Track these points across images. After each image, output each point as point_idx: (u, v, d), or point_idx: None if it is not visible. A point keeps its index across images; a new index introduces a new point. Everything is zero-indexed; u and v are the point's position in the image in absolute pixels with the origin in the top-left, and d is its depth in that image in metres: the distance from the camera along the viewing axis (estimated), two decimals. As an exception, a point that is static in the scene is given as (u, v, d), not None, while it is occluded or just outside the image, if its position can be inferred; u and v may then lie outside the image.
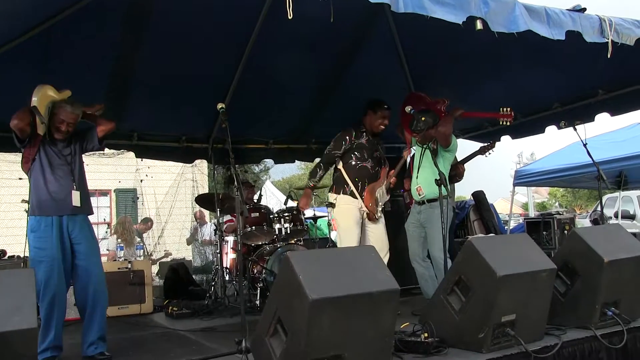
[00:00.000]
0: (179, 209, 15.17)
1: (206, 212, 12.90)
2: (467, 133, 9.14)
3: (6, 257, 7.86)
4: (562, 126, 7.02)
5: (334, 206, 6.48)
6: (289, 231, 7.89)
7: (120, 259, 8.11)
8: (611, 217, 14.75)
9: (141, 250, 8.88)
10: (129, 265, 7.56)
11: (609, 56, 4.54)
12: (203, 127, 8.63)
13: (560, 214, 10.13)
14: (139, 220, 13.99)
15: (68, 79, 5.80)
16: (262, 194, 10.42)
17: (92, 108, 5.21)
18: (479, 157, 7.25)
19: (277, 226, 7.93)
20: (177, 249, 14.10)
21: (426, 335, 4.12)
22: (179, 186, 15.01)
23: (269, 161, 11.01)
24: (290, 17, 3.44)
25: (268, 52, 7.27)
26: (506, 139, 8.75)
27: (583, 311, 4.52)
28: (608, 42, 4.57)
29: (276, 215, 8.02)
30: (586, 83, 7.12)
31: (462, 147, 6.65)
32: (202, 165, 14.59)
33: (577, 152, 9.74)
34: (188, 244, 13.27)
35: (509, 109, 6.40)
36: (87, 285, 4.98)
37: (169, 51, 6.72)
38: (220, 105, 4.93)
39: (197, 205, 10.29)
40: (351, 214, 6.32)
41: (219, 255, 7.83)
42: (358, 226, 6.32)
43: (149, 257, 10.49)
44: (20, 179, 5.09)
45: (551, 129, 7.94)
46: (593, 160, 6.59)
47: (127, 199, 16.90)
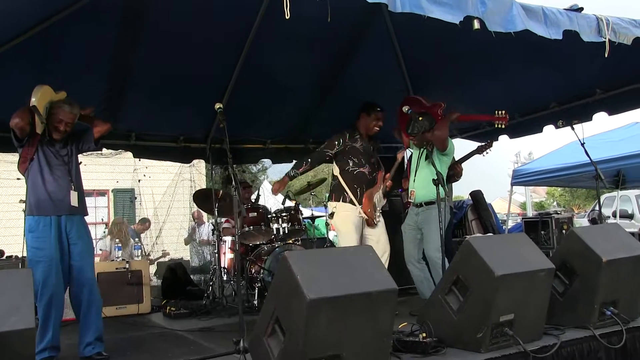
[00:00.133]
0: (176, 209, 15.16)
1: (204, 212, 12.90)
2: (464, 133, 9.14)
3: (4, 257, 7.86)
4: (560, 125, 7.03)
5: (332, 216, 6.50)
6: (286, 231, 7.89)
7: (118, 259, 8.09)
8: (609, 217, 14.75)
9: (139, 251, 8.84)
10: (127, 266, 7.55)
11: (606, 55, 4.55)
12: (201, 127, 8.63)
13: (558, 214, 10.12)
14: (136, 220, 13.99)
15: (66, 79, 5.80)
16: (260, 194, 10.41)
17: (85, 110, 5.22)
18: (476, 156, 7.26)
19: (275, 226, 7.93)
20: (175, 249, 14.07)
21: (424, 335, 4.12)
22: (176, 186, 15.00)
23: (266, 161, 10.99)
24: (287, 17, 3.44)
25: (266, 52, 7.27)
26: (504, 138, 8.75)
27: (582, 311, 4.53)
28: (605, 42, 4.58)
29: (274, 215, 8.02)
30: (584, 82, 7.12)
31: (459, 146, 6.67)
32: (200, 165, 14.57)
33: (575, 152, 9.74)
34: (186, 244, 13.26)
35: (503, 112, 6.42)
36: (82, 286, 4.97)
37: (166, 51, 6.72)
38: (218, 105, 4.94)
39: (194, 205, 10.27)
40: (350, 220, 6.32)
41: (216, 255, 7.81)
42: (358, 232, 6.32)
43: (147, 257, 10.47)
44: (18, 179, 5.08)
45: (549, 129, 7.95)
46: (591, 159, 6.58)
47: (124, 199, 16.88)
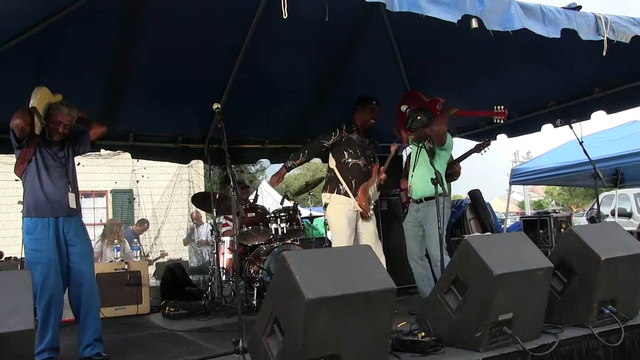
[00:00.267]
0: (175, 209, 15.14)
1: (203, 212, 12.89)
2: (463, 132, 9.13)
3: (3, 259, 7.85)
4: (558, 124, 7.04)
5: (326, 207, 6.52)
6: (285, 231, 7.88)
7: (117, 260, 8.09)
8: (608, 215, 14.75)
9: (138, 251, 8.84)
10: (126, 266, 7.56)
11: (604, 54, 4.55)
12: (199, 127, 8.63)
13: (557, 213, 10.11)
14: (135, 221, 13.99)
15: (64, 80, 5.82)
16: (259, 194, 10.41)
17: (82, 112, 5.23)
18: (475, 155, 7.25)
19: (274, 226, 7.92)
20: (174, 249, 14.06)
21: (423, 334, 4.12)
22: (175, 187, 14.98)
23: (265, 161, 10.96)
24: (285, 17, 3.44)
25: (264, 52, 7.27)
26: (502, 137, 8.76)
27: (580, 309, 4.53)
28: (604, 40, 4.58)
29: (272, 215, 8.02)
30: (582, 81, 7.13)
31: (457, 145, 6.66)
32: (198, 165, 14.54)
33: (574, 150, 9.74)
34: (185, 244, 13.26)
35: (502, 106, 6.43)
36: (80, 287, 4.99)
37: (165, 52, 6.72)
38: (216, 106, 4.93)
39: (193, 206, 10.27)
40: (344, 213, 6.34)
41: (215, 255, 7.81)
42: (351, 225, 6.34)
43: (146, 258, 10.47)
44: (16, 180, 5.07)
45: (547, 128, 7.95)
46: (589, 158, 6.58)
47: (123, 199, 16.86)
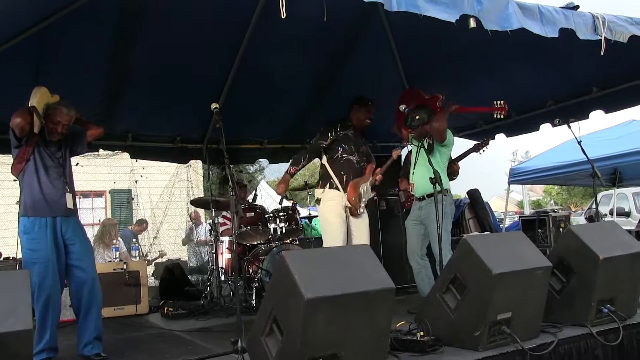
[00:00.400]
0: (174, 209, 15.13)
1: (201, 212, 12.88)
2: (461, 131, 9.12)
3: (2, 259, 7.85)
4: (556, 124, 7.04)
5: (319, 202, 6.54)
6: (284, 231, 7.89)
7: (116, 260, 8.09)
8: (606, 215, 14.78)
9: (136, 251, 8.83)
10: (125, 266, 7.56)
11: (602, 53, 4.55)
12: (197, 127, 8.63)
13: (556, 212, 10.13)
14: (134, 221, 13.98)
15: (63, 80, 5.82)
16: (258, 193, 10.41)
17: (78, 113, 5.24)
18: (473, 155, 7.25)
19: (273, 226, 7.93)
20: (173, 249, 14.06)
21: (422, 333, 4.12)
22: (173, 187, 14.97)
23: (263, 161, 10.97)
24: (283, 17, 3.43)
25: (262, 52, 7.27)
26: (501, 136, 8.76)
27: (579, 308, 4.53)
28: (601, 40, 4.58)
29: (271, 214, 8.02)
30: (580, 80, 7.12)
31: (456, 145, 6.66)
32: (196, 165, 14.52)
33: (572, 150, 9.74)
34: (184, 244, 13.26)
35: (502, 102, 6.44)
36: (82, 285, 4.98)
37: (163, 51, 6.72)
38: (214, 105, 4.93)
39: (192, 206, 10.28)
40: (336, 208, 6.37)
41: (214, 255, 7.82)
42: (343, 221, 6.37)
43: (144, 258, 10.47)
44: (15, 180, 5.08)
45: (545, 127, 7.96)
46: (588, 157, 6.58)
47: (122, 199, 16.85)
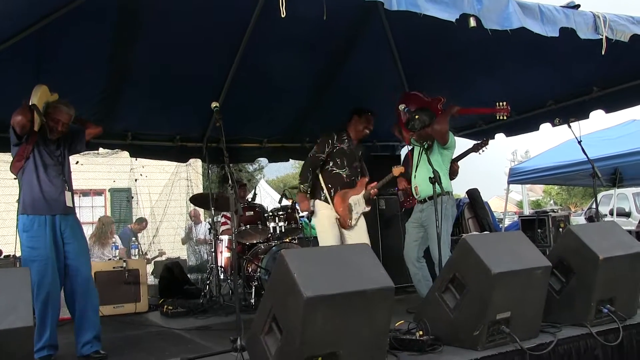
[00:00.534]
0: (173, 208, 15.13)
1: (201, 211, 12.87)
2: (460, 131, 9.12)
3: (2, 257, 7.86)
4: (556, 123, 7.04)
5: (313, 213, 6.60)
6: (283, 230, 7.90)
7: (116, 258, 8.10)
8: (606, 215, 14.77)
9: (136, 250, 8.84)
10: (124, 265, 7.56)
11: (603, 53, 4.54)
12: (197, 126, 8.62)
13: (555, 212, 10.11)
14: (133, 220, 13.97)
15: (63, 79, 5.81)
16: (257, 192, 10.41)
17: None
18: (473, 154, 7.25)
19: (272, 225, 7.94)
20: (172, 248, 14.06)
21: (421, 333, 4.11)
22: (173, 185, 14.95)
23: (263, 160, 10.99)
24: (283, 16, 3.43)
25: (262, 51, 7.26)
26: (500, 136, 8.76)
27: (578, 308, 4.52)
28: (602, 39, 4.57)
29: (271, 213, 8.03)
30: (580, 80, 7.12)
31: (456, 145, 6.65)
32: (196, 164, 14.51)
33: (572, 150, 9.73)
34: (183, 243, 13.25)
35: (504, 103, 6.44)
36: (77, 284, 5.00)
37: (163, 51, 6.71)
38: (214, 104, 4.93)
39: (191, 205, 10.28)
40: (326, 218, 6.43)
41: (213, 254, 7.82)
42: (334, 229, 6.41)
43: (144, 257, 10.47)
44: (15, 178, 5.09)
45: (545, 127, 7.95)
46: (588, 157, 6.58)
47: (121, 198, 16.84)
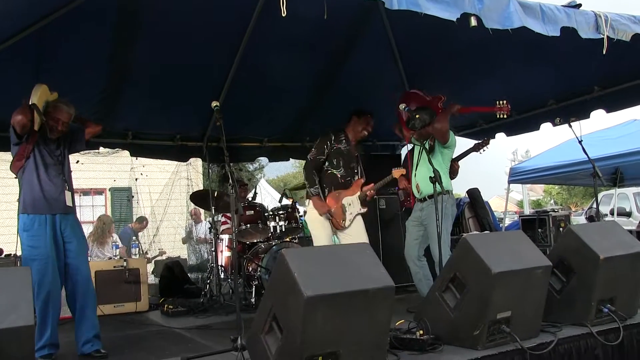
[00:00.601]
0: (173, 207, 15.14)
1: (201, 210, 12.88)
2: (461, 130, 9.12)
3: (3, 256, 7.87)
4: (557, 123, 7.03)
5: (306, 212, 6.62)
6: (283, 229, 7.90)
7: (116, 257, 8.10)
8: (607, 214, 14.74)
9: (136, 249, 8.84)
10: (125, 264, 7.56)
11: (604, 52, 4.53)
12: (197, 125, 8.63)
13: (556, 212, 10.11)
14: (134, 219, 13.97)
15: (63, 78, 5.81)
16: (257, 192, 10.41)
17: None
18: (473, 154, 7.24)
19: (272, 224, 7.94)
20: (172, 247, 14.07)
21: (421, 332, 4.11)
22: (173, 184, 14.96)
23: (263, 159, 11.00)
24: (283, 15, 3.43)
25: (262, 51, 7.26)
26: (501, 136, 8.76)
27: (579, 308, 4.52)
28: (604, 38, 4.56)
29: (271, 213, 8.03)
30: (581, 79, 7.12)
31: (457, 144, 6.65)
32: (196, 163, 14.53)
33: (573, 149, 9.74)
34: (184, 243, 13.26)
35: (504, 101, 6.43)
36: (77, 283, 5.01)
37: (163, 50, 6.71)
38: (214, 104, 4.93)
39: (192, 204, 10.28)
40: (317, 217, 6.42)
41: (214, 253, 7.82)
42: (326, 229, 6.42)
43: (144, 256, 10.48)
44: (16, 177, 5.09)
45: (546, 126, 7.95)
46: (588, 157, 6.57)
47: (122, 197, 16.85)
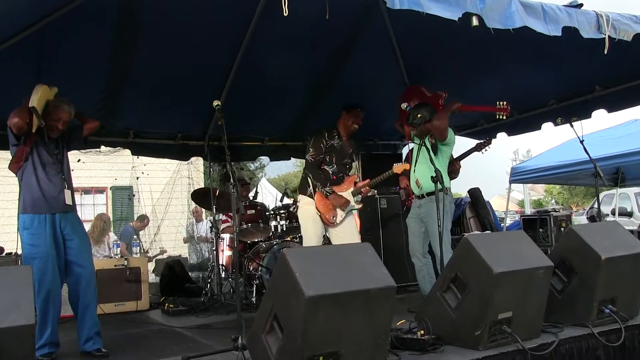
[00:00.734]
0: (174, 206, 15.14)
1: (202, 209, 12.88)
2: (462, 130, 9.12)
3: (4, 254, 7.87)
4: (558, 123, 7.02)
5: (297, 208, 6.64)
6: (284, 228, 7.91)
7: (117, 256, 8.10)
8: (608, 214, 14.72)
9: (137, 248, 8.85)
10: (125, 263, 7.57)
11: (606, 52, 4.53)
12: (199, 124, 8.63)
13: (557, 211, 10.11)
14: (135, 218, 13.97)
15: (64, 78, 5.81)
16: (258, 191, 10.41)
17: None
18: (475, 154, 7.25)
19: (273, 223, 7.95)
20: (173, 246, 14.07)
21: (422, 332, 4.11)
22: (174, 183, 14.97)
23: (264, 158, 11.01)
24: (285, 14, 3.43)
25: (263, 50, 7.27)
26: (502, 135, 8.75)
27: (580, 309, 4.51)
28: (605, 38, 4.56)
29: (272, 212, 8.03)
30: (583, 79, 7.11)
31: (458, 144, 6.65)
32: (197, 162, 14.53)
33: (574, 149, 9.72)
34: (185, 242, 13.26)
35: (505, 102, 6.44)
36: (80, 281, 5.01)
37: (164, 50, 6.72)
38: (216, 103, 4.92)
39: (193, 203, 10.28)
40: (309, 213, 6.44)
41: (215, 252, 7.82)
42: (316, 224, 6.42)
43: (145, 255, 10.48)
44: (16, 176, 5.10)
45: (547, 126, 7.94)
46: (590, 157, 6.56)
47: (123, 196, 16.86)
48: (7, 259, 7.60)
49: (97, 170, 15.37)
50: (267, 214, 8.01)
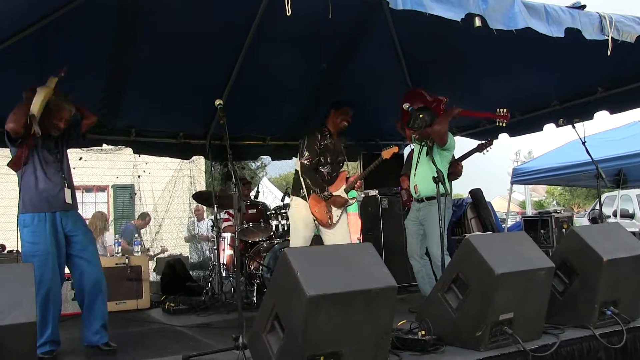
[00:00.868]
0: (176, 205, 15.14)
1: (204, 208, 12.88)
2: (464, 131, 9.12)
3: (5, 252, 7.87)
4: (560, 124, 7.02)
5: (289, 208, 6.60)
6: (285, 228, 7.91)
7: (118, 255, 8.09)
8: (610, 216, 14.71)
9: (138, 246, 8.84)
10: (126, 261, 7.57)
11: (608, 53, 4.53)
12: (200, 123, 8.63)
13: (558, 213, 10.09)
14: (136, 216, 13.97)
15: (65, 77, 5.80)
16: (260, 190, 10.42)
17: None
18: (476, 154, 7.25)
19: (274, 223, 7.96)
20: (174, 245, 14.07)
21: (423, 333, 4.11)
22: (176, 182, 14.97)
23: (265, 158, 11.01)
24: (288, 14, 3.42)
25: (266, 49, 7.26)
26: (504, 136, 8.73)
27: (582, 310, 4.51)
28: (608, 40, 4.56)
29: (273, 211, 8.03)
30: (585, 80, 7.10)
31: (459, 144, 6.65)
32: (199, 161, 14.52)
33: (576, 150, 9.73)
34: (186, 241, 13.26)
35: (505, 110, 6.43)
36: (86, 274, 5.02)
37: (166, 49, 6.71)
38: (218, 102, 4.93)
39: (194, 202, 10.29)
40: (300, 215, 6.37)
41: (216, 251, 7.82)
42: (307, 227, 6.37)
43: (146, 253, 10.48)
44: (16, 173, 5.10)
45: (549, 127, 7.93)
46: (592, 158, 6.56)
47: (124, 194, 16.86)
48: (9, 256, 7.60)
49: (98, 168, 15.40)
50: (268, 213, 8.02)
